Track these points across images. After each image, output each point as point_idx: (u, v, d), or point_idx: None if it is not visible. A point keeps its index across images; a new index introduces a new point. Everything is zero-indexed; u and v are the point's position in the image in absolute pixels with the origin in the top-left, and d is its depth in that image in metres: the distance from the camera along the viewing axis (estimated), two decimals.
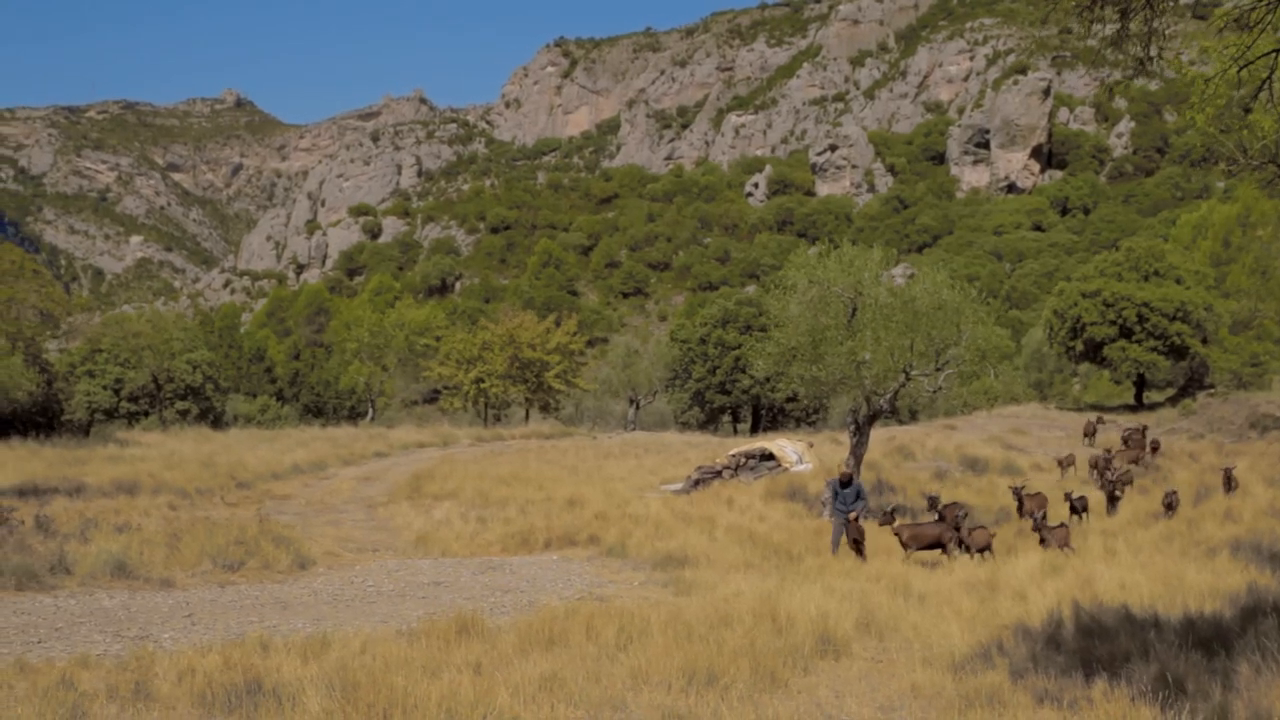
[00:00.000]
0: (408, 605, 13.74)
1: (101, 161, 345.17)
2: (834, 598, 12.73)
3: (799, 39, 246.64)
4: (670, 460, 38.82)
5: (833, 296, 23.09)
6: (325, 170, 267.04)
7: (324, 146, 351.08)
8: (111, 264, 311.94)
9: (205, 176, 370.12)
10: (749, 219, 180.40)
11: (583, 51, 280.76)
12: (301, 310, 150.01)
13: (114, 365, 55.52)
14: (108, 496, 27.09)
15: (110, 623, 11.87)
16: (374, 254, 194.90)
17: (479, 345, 62.57)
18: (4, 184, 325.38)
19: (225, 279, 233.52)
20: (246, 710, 7.77)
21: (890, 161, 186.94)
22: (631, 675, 8.94)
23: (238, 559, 15.83)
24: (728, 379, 62.26)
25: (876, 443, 34.35)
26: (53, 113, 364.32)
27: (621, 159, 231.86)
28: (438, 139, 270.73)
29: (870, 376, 22.92)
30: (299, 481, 35.16)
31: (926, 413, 59.83)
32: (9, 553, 14.19)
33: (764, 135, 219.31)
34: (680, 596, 13.99)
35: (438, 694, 7.84)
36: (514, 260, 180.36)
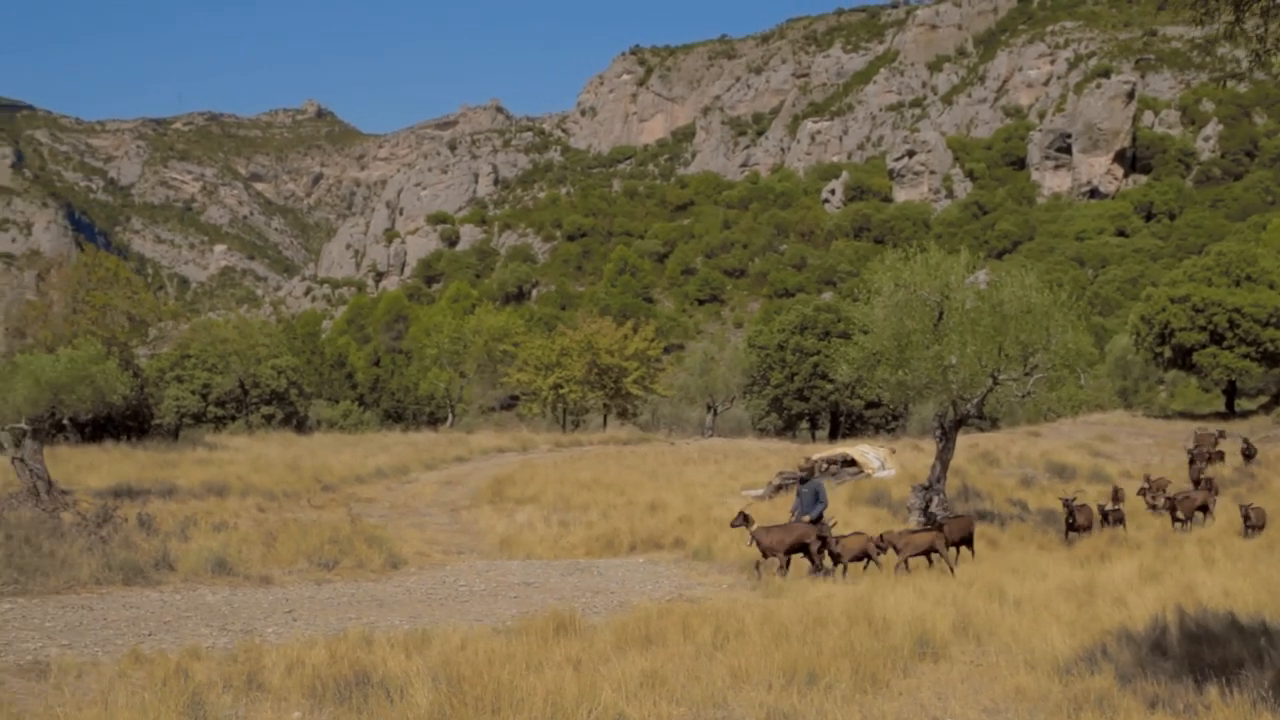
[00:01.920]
0: (500, 604, 13.87)
1: (187, 172, 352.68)
2: (927, 601, 12.63)
3: (875, 44, 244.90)
4: (750, 466, 38.73)
5: (918, 300, 22.84)
6: (403, 179, 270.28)
7: (402, 156, 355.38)
8: (196, 272, 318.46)
9: (286, 186, 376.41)
10: (825, 225, 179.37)
11: (658, 59, 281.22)
12: (381, 317, 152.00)
13: (202, 370, 56.54)
14: (198, 498, 27.66)
15: (215, 617, 12.13)
16: (451, 261, 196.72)
17: (558, 351, 62.86)
18: (95, 195, 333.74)
19: (306, 287, 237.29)
20: (356, 702, 7.89)
21: (969, 167, 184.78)
22: (731, 674, 8.94)
23: (333, 558, 16.10)
24: (806, 385, 61.91)
25: (960, 449, 33.94)
26: (141, 125, 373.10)
27: (696, 166, 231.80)
28: (514, 147, 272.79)
29: (957, 381, 22.63)
30: (382, 485, 35.63)
31: (1007, 420, 59.01)
32: (115, 549, 14.56)
33: (840, 141, 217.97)
34: (770, 599, 13.96)
35: (542, 689, 7.90)
36: (590, 267, 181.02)
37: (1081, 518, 21.28)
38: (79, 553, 14.26)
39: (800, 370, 62.04)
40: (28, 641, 10.36)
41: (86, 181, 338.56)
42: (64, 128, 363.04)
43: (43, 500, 18.37)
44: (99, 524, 15.88)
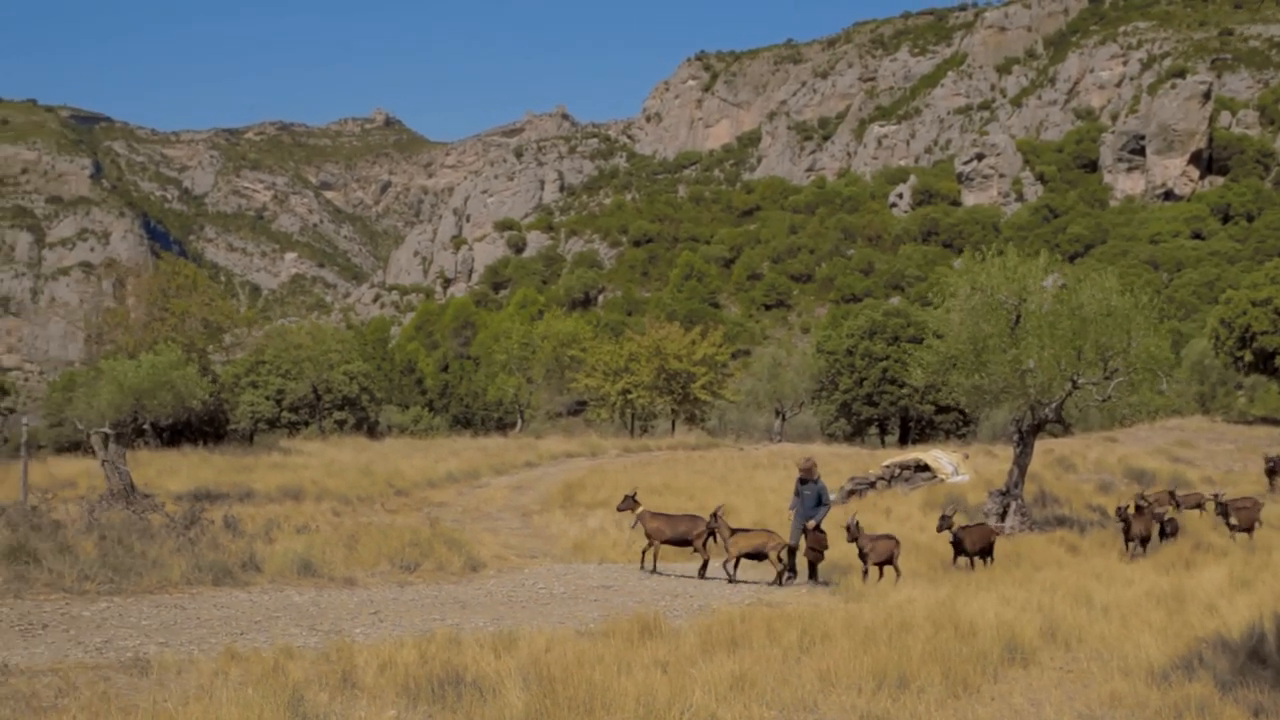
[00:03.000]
0: (581, 607, 13.94)
1: (259, 181, 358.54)
2: (1011, 607, 12.51)
3: (943, 47, 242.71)
4: (820, 472, 38.42)
5: (995, 303, 22.63)
6: (470, 186, 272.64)
7: (469, 163, 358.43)
8: (268, 280, 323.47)
9: (355, 194, 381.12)
10: (892, 230, 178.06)
11: (723, 65, 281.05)
12: (449, 323, 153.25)
13: (275, 376, 57.39)
14: (275, 502, 28.11)
15: (303, 617, 12.32)
16: (518, 268, 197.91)
17: (626, 356, 62.96)
18: (170, 204, 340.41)
19: (375, 294, 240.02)
20: (450, 701, 7.97)
21: (1039, 170, 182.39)
22: (819, 677, 8.92)
23: (414, 560, 16.29)
24: (875, 390, 61.47)
25: (1035, 455, 33.55)
26: (214, 135, 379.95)
27: (762, 171, 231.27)
28: (579, 154, 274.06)
29: (1034, 385, 22.40)
30: (453, 489, 35.92)
31: (1080, 425, 58.16)
32: (204, 551, 14.86)
33: (907, 145, 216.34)
34: (851, 603, 13.89)
35: (633, 690, 7.94)
36: (656, 273, 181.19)
37: (1138, 526, 20.46)
38: (169, 554, 14.56)
39: (869, 375, 61.62)
40: (127, 639, 10.60)
41: (162, 191, 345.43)
42: (140, 139, 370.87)
43: (133, 502, 18.77)
44: (187, 526, 16.21)
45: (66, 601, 12.44)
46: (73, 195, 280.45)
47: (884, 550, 17.17)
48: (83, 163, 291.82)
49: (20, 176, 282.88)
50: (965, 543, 18.50)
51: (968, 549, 18.49)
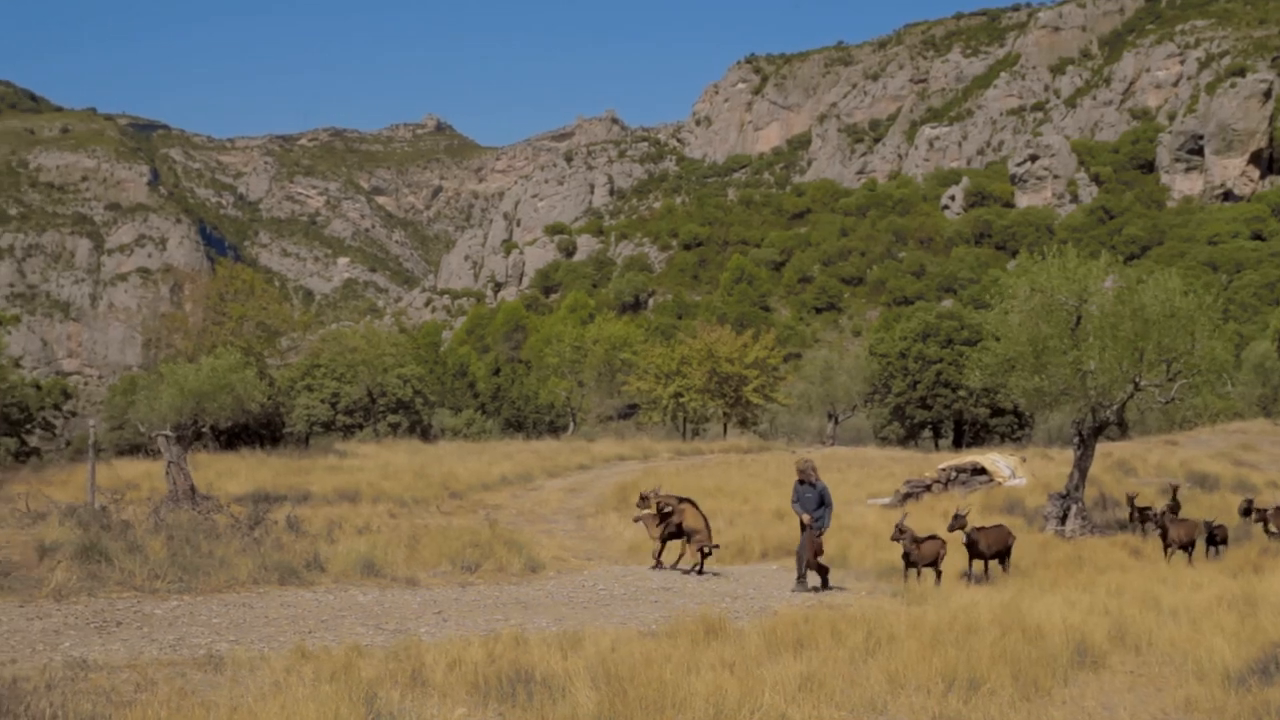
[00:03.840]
0: (642, 608, 13.97)
1: (312, 187, 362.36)
2: (1077, 610, 12.39)
3: (996, 48, 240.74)
4: (874, 475, 38.33)
5: (1055, 304, 22.42)
6: (520, 191, 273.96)
7: (519, 168, 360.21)
8: (321, 285, 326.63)
9: (407, 199, 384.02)
10: (945, 232, 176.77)
11: (773, 67, 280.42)
12: (500, 327, 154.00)
13: (331, 380, 57.85)
14: (331, 504, 28.35)
15: (369, 616, 12.44)
16: (569, 272, 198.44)
17: (678, 360, 62.94)
18: (225, 210, 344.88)
19: (426, 298, 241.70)
20: (520, 699, 8.02)
21: (1094, 171, 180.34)
22: (888, 679, 8.87)
23: (474, 561, 16.40)
24: (929, 393, 61.03)
25: (1094, 458, 33.19)
26: (268, 141, 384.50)
27: (812, 174, 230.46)
28: (629, 158, 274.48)
29: (1095, 387, 22.16)
30: (507, 492, 36.06)
31: (1138, 429, 57.38)
32: (269, 551, 15.04)
33: (959, 147, 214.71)
34: (913, 606, 13.81)
35: (703, 690, 7.94)
36: (706, 276, 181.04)
37: (1177, 532, 19.47)
38: (235, 553, 14.75)
39: (923, 378, 61.18)
40: (199, 637, 10.75)
41: (217, 197, 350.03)
42: (196, 146, 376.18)
43: (197, 503, 19.04)
44: (251, 526, 16.42)
45: (138, 600, 12.64)
46: (131, 202, 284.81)
47: (930, 552, 16.90)
48: (141, 170, 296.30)
49: (80, 184, 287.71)
50: (980, 544, 17.41)
51: (982, 551, 17.46)
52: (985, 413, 60.55)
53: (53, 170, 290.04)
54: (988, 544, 17.56)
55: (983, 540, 17.50)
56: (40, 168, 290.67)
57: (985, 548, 17.51)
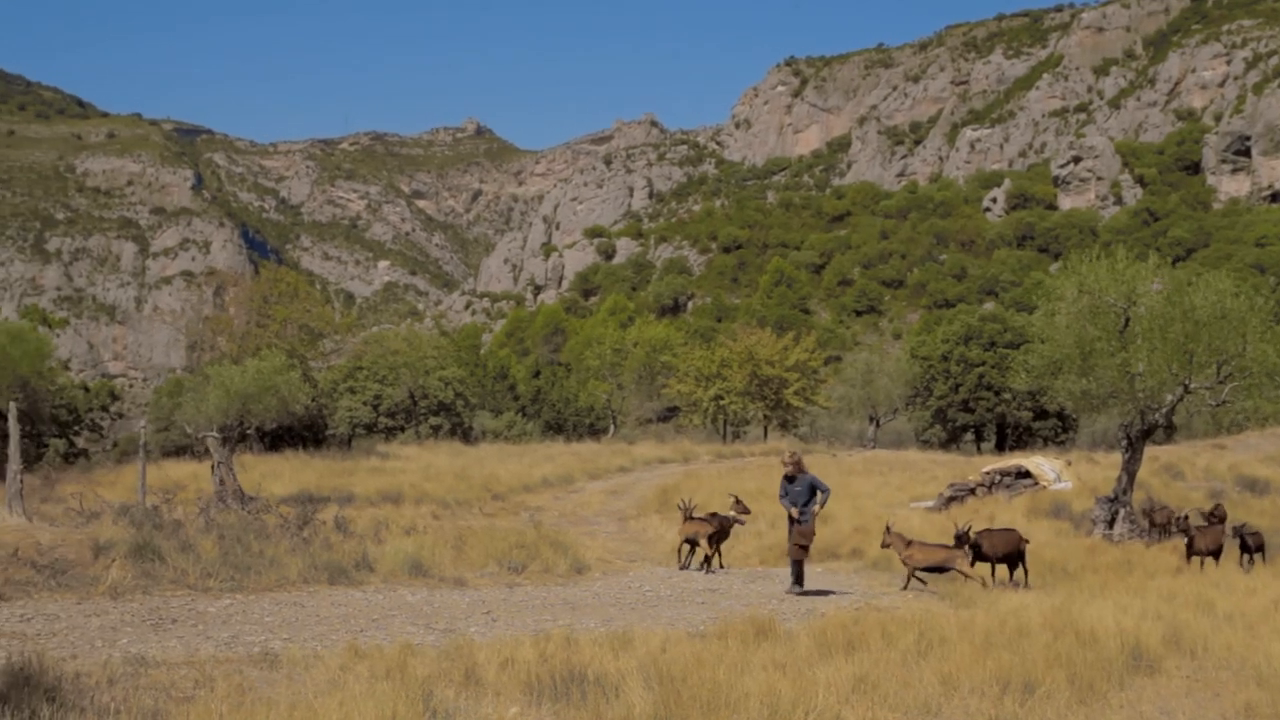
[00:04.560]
0: (689, 610, 13.98)
1: (353, 190, 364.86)
2: (1129, 614, 12.26)
3: (1038, 49, 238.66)
4: (917, 478, 38.12)
5: (1104, 306, 22.22)
6: (559, 194, 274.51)
7: (558, 171, 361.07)
8: (361, 288, 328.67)
9: (447, 203, 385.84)
10: (986, 234, 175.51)
11: (813, 70, 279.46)
12: (539, 330, 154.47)
13: (373, 382, 58.21)
14: (375, 505, 28.55)
15: (419, 616, 12.53)
16: (608, 275, 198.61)
17: (718, 362, 62.88)
18: (268, 214, 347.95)
19: (466, 301, 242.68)
20: (574, 699, 8.04)
21: (1139, 172, 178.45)
22: (941, 681, 8.83)
23: (521, 562, 16.48)
24: (971, 396, 60.64)
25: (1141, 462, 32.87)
26: (310, 145, 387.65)
27: (852, 176, 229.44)
28: (668, 161, 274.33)
29: (1144, 389, 21.93)
30: (549, 494, 36.20)
31: (1184, 433, 56.76)
32: (318, 550, 15.17)
33: (1000, 149, 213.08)
34: (962, 609, 13.72)
35: (757, 690, 7.93)
36: (745, 279, 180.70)
37: (1203, 540, 18.74)
38: (285, 553, 14.89)
39: (965, 381, 60.80)
40: (252, 635, 10.86)
41: (259, 201, 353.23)
42: (239, 150, 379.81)
43: (246, 503, 19.22)
44: (300, 526, 16.57)
45: (192, 598, 12.80)
46: (175, 206, 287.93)
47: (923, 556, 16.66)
48: (185, 174, 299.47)
49: (126, 188, 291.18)
50: (984, 547, 16.90)
51: (987, 554, 16.93)
52: (1028, 416, 60.10)
53: (99, 175, 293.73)
54: (992, 546, 17.07)
55: (986, 543, 17.04)
56: (87, 172, 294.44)
57: (990, 549, 17.01)
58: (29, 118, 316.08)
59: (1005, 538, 17.31)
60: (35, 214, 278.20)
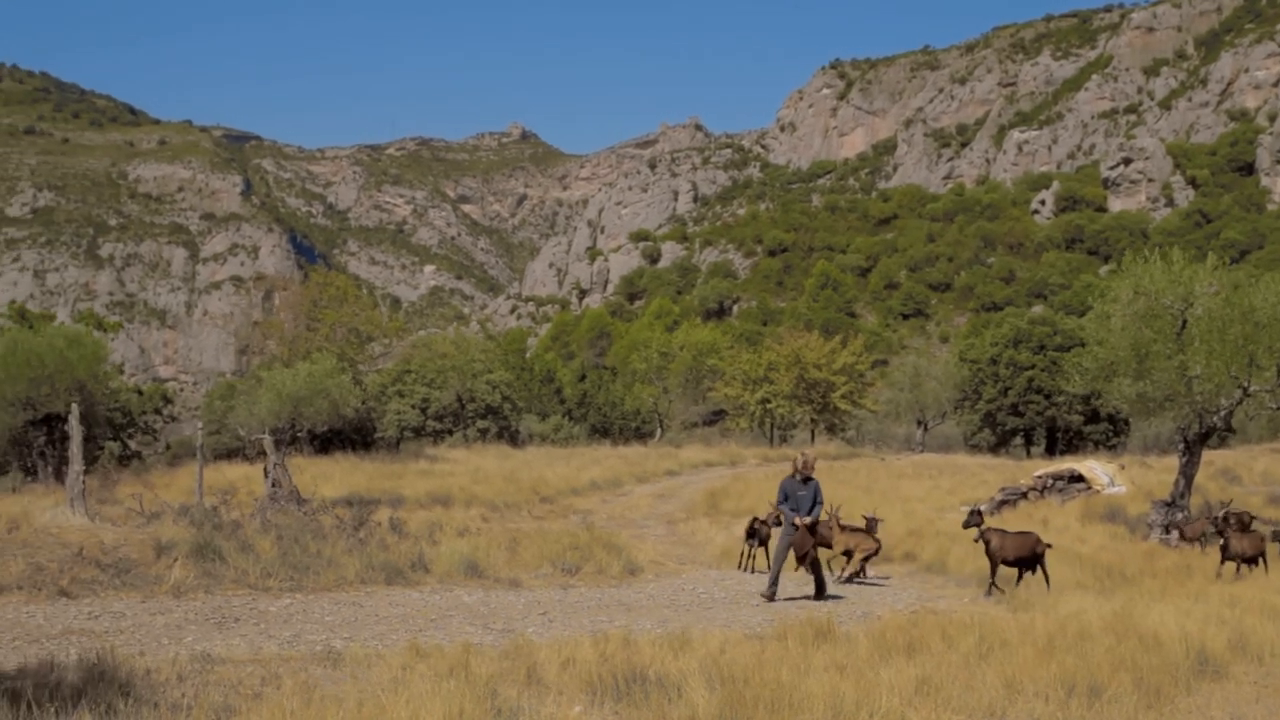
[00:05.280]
0: (744, 612, 13.97)
1: (399, 195, 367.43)
2: (1192, 619, 12.10)
3: (1087, 50, 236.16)
4: (967, 482, 37.89)
5: (1160, 308, 21.95)
6: (604, 198, 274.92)
7: (603, 175, 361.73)
8: (407, 292, 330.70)
9: (492, 207, 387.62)
10: (1034, 237, 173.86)
11: (858, 73, 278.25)
12: (584, 334, 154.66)
13: (421, 385, 58.50)
14: (424, 508, 28.67)
15: (476, 616, 12.60)
16: (653, 278, 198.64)
17: (765, 365, 62.72)
18: (315, 219, 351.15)
19: (511, 305, 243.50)
20: (636, 698, 8.05)
21: (1191, 174, 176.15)
22: (1004, 684, 8.76)
23: (574, 564, 16.52)
24: (1021, 400, 60.07)
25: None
26: (357, 151, 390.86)
27: (898, 179, 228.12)
28: (713, 164, 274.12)
29: (1202, 393, 21.65)
30: (597, 497, 36.25)
31: (1239, 436, 55.96)
32: (374, 551, 15.29)
33: (1049, 151, 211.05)
34: (1019, 613, 13.61)
35: (819, 691, 7.91)
36: (791, 283, 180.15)
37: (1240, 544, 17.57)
38: (341, 554, 15.03)
39: (1014, 385, 60.25)
40: (314, 634, 10.97)
41: (307, 207, 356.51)
42: (287, 156, 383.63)
43: (301, 505, 19.41)
44: (356, 527, 16.71)
45: (253, 597, 12.95)
46: (224, 212, 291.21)
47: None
48: (234, 180, 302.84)
49: (176, 194, 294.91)
50: (991, 545, 16.12)
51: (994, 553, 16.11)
52: (1079, 420, 59.48)
53: (150, 181, 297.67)
54: (1000, 545, 16.19)
55: (995, 541, 16.22)
56: (139, 179, 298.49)
57: (996, 549, 16.14)
58: (83, 125, 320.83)
59: (1020, 540, 16.49)
60: (89, 220, 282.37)
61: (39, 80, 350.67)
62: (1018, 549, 16.24)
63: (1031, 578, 16.42)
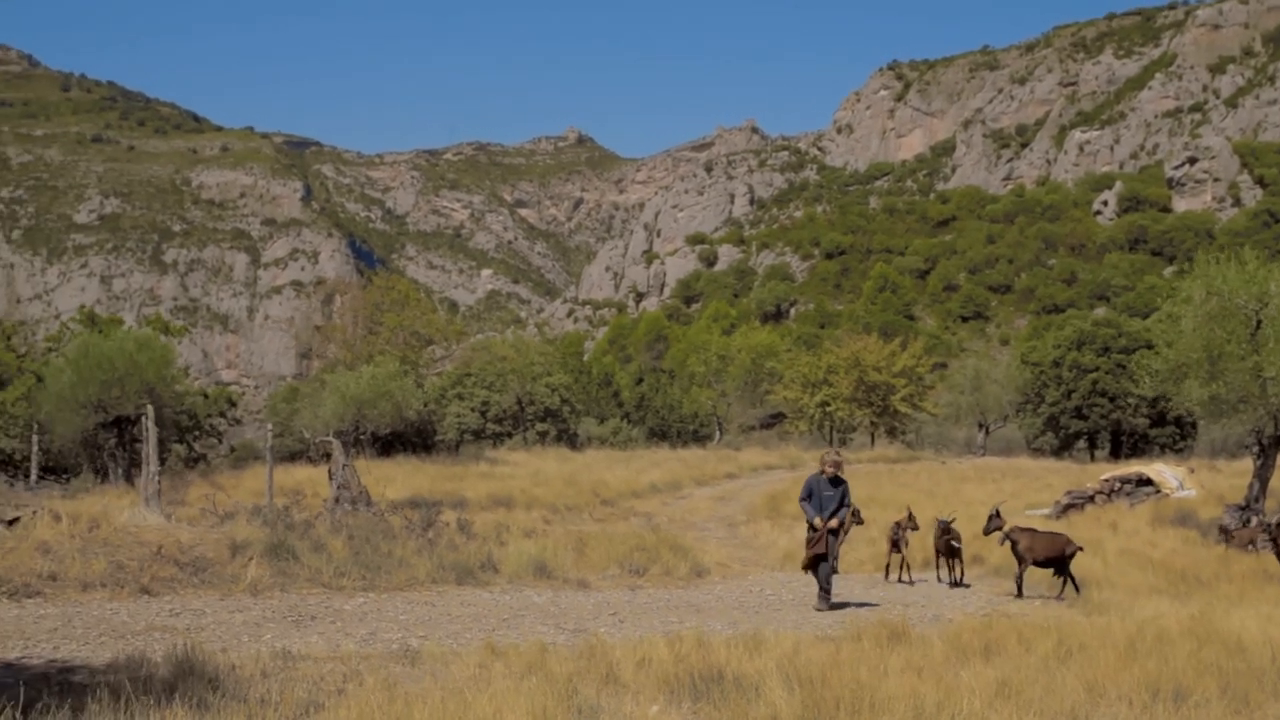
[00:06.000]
0: (813, 614, 13.90)
1: (456, 200, 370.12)
2: (1275, 624, 11.90)
3: (1150, 48, 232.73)
4: (1030, 485, 37.51)
5: (1234, 309, 21.61)
6: (660, 201, 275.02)
7: (659, 179, 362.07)
8: (465, 296, 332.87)
9: (549, 211, 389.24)
10: (1097, 238, 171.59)
11: (916, 74, 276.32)
12: (641, 337, 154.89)
13: (481, 388, 58.89)
14: (486, 510, 28.82)
15: (547, 616, 12.66)
16: (709, 281, 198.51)
17: (824, 368, 62.49)
18: (374, 224, 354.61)
19: (568, 308, 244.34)
20: (715, 698, 8.05)
21: (1259, 173, 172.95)
22: (1086, 687, 8.66)
23: (641, 565, 16.55)
24: (1085, 403, 59.31)
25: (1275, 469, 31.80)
26: (415, 156, 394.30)
27: (957, 181, 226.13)
28: (769, 167, 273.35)
29: (1277, 394, 21.28)
30: (657, 500, 36.24)
31: None
32: (444, 551, 15.42)
33: (1111, 151, 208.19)
34: (1092, 617, 13.45)
35: (899, 692, 7.86)
36: (848, 285, 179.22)
37: None
38: (412, 554, 15.17)
39: (1078, 387, 59.51)
40: (389, 632, 11.09)
41: (366, 211, 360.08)
42: (347, 161, 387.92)
43: (372, 506, 19.63)
44: (425, 528, 16.86)
45: (327, 596, 13.11)
46: (285, 217, 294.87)
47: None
48: (294, 186, 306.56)
49: (238, 200, 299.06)
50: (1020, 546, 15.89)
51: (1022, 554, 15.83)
52: (1145, 423, 58.66)
53: (213, 188, 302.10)
54: (1029, 546, 15.93)
55: (1024, 541, 15.96)
56: (202, 185, 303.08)
57: (1026, 550, 15.87)
58: (148, 133, 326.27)
59: (1049, 540, 16.23)
60: (153, 226, 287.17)
61: (106, 89, 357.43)
62: (1047, 549, 16.11)
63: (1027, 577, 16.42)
